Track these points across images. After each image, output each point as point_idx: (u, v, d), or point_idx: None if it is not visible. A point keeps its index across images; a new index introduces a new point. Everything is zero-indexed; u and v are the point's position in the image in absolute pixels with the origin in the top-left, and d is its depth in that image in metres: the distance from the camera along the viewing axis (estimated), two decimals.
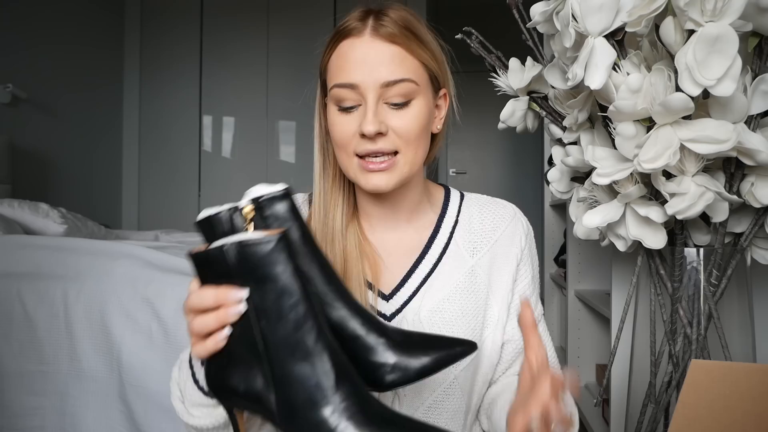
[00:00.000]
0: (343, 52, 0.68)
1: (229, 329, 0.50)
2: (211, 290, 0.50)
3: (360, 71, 0.66)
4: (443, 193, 0.82)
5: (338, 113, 0.68)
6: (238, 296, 0.49)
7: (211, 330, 0.51)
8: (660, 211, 0.82)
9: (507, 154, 5.20)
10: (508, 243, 0.78)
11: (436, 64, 0.71)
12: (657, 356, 0.92)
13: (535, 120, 1.08)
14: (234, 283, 0.50)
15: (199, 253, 0.51)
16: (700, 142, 0.73)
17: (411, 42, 0.67)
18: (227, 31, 4.01)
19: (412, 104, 0.68)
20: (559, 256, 2.67)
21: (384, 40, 0.66)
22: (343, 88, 0.67)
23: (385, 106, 0.67)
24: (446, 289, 0.74)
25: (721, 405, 0.62)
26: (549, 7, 0.82)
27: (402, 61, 0.67)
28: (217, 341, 0.51)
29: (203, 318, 0.51)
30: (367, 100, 0.66)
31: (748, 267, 0.92)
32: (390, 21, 0.67)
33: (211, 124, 4.05)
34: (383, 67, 0.66)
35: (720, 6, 0.68)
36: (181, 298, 1.45)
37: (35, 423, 1.51)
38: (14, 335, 1.54)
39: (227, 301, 0.49)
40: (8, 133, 2.73)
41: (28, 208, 2.07)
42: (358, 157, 0.68)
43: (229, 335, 0.51)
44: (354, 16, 0.69)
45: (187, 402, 0.62)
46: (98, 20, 3.72)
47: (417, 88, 0.68)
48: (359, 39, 0.67)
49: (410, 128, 0.67)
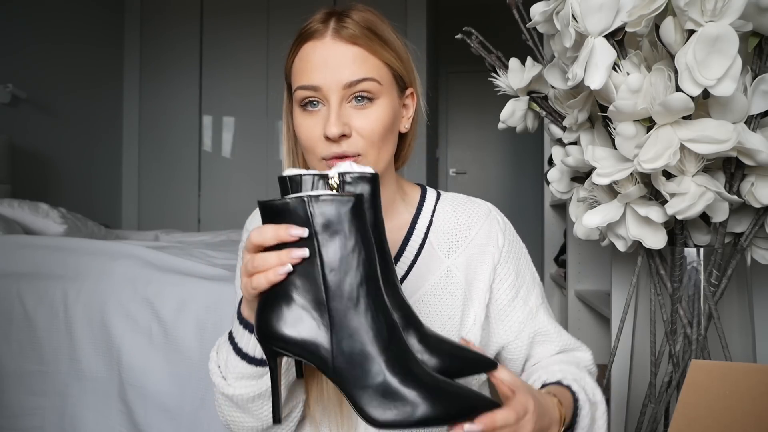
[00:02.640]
0: (305, 54, 0.68)
1: (290, 266, 0.52)
2: (271, 226, 0.52)
3: (322, 73, 0.66)
4: (419, 192, 0.81)
5: (302, 115, 0.69)
6: (298, 232, 0.51)
7: (270, 267, 0.52)
8: (660, 211, 0.82)
9: (507, 154, 5.20)
10: (484, 242, 0.77)
11: (400, 64, 0.71)
12: (657, 356, 0.92)
13: (535, 120, 1.08)
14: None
15: (276, 202, 0.52)
16: (700, 142, 0.73)
17: (373, 42, 0.68)
18: (227, 31, 4.01)
19: (375, 103, 0.68)
20: (559, 256, 2.67)
21: (345, 42, 0.67)
22: (306, 90, 0.67)
23: (348, 107, 0.67)
24: (422, 290, 0.74)
25: (721, 405, 0.63)
26: (549, 7, 0.82)
27: (364, 61, 0.67)
28: (277, 272, 0.51)
29: (265, 255, 0.52)
30: (330, 101, 0.66)
31: (748, 267, 0.92)
32: (352, 22, 0.68)
33: (211, 124, 4.05)
34: (345, 67, 0.66)
35: (720, 6, 0.68)
36: (181, 298, 1.46)
37: (35, 423, 1.51)
38: (14, 335, 1.54)
39: (287, 237, 0.51)
40: (8, 133, 2.73)
41: (28, 208, 2.07)
42: (324, 160, 0.69)
43: (288, 274, 0.52)
44: (316, 18, 0.70)
45: (229, 376, 0.64)
46: (98, 20, 3.72)
47: (380, 88, 0.68)
48: (321, 41, 0.68)
49: (374, 128, 0.68)
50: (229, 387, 0.65)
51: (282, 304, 0.54)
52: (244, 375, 0.64)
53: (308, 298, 0.53)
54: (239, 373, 0.64)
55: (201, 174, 4.03)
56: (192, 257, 1.70)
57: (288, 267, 0.52)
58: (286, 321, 0.53)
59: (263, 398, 0.65)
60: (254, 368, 0.63)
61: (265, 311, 0.55)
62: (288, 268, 0.52)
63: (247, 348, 0.63)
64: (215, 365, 0.68)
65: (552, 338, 0.79)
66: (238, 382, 0.64)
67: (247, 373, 0.63)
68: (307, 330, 0.53)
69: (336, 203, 0.51)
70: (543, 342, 0.78)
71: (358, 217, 0.52)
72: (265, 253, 0.53)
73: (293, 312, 0.53)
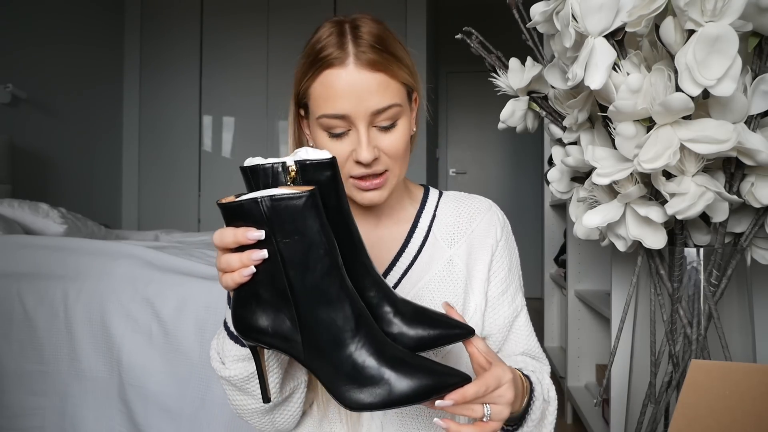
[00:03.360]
0: (329, 82, 0.69)
1: (253, 268, 0.54)
2: (230, 229, 0.54)
3: (348, 102, 0.68)
4: (422, 191, 0.86)
5: (329, 140, 0.71)
6: (254, 235, 0.53)
7: (234, 269, 0.55)
8: (660, 211, 0.82)
9: (507, 154, 5.20)
10: (483, 234, 0.81)
11: (411, 77, 0.74)
12: (657, 356, 0.92)
13: (535, 120, 1.08)
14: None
15: (232, 204, 0.54)
16: (700, 142, 0.73)
17: (391, 64, 0.70)
18: (227, 31, 4.01)
19: (398, 124, 0.72)
20: (559, 256, 2.67)
21: (368, 69, 0.68)
22: (334, 119, 0.69)
23: (374, 130, 0.71)
24: (425, 279, 0.78)
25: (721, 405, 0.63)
26: (549, 7, 0.82)
27: (387, 88, 0.69)
28: (242, 274, 0.54)
29: (228, 257, 0.55)
30: (358, 128, 0.69)
31: (748, 267, 0.92)
32: (367, 45, 0.68)
33: (211, 124, 4.05)
34: (371, 96, 0.68)
35: (720, 6, 0.68)
36: (181, 298, 1.46)
37: (35, 423, 1.51)
38: (14, 335, 1.54)
39: (245, 240, 0.53)
40: (8, 133, 2.73)
41: (28, 208, 2.07)
42: (353, 178, 0.72)
43: (253, 274, 0.54)
44: (330, 40, 0.69)
45: (226, 359, 0.68)
46: (98, 20, 3.72)
47: (401, 110, 0.71)
48: (344, 70, 0.68)
49: (398, 147, 0.72)
50: (226, 369, 0.68)
51: (252, 301, 0.56)
52: (238, 357, 0.67)
53: (274, 294, 0.54)
54: (234, 356, 0.67)
55: (201, 174, 4.03)
56: (192, 257, 1.70)
57: (250, 269, 0.54)
58: (257, 316, 0.56)
59: (257, 377, 0.68)
60: (246, 350, 0.66)
61: (237, 307, 0.57)
62: (251, 270, 0.54)
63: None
64: (215, 352, 0.71)
65: (521, 341, 0.81)
66: (234, 364, 0.67)
67: (240, 355, 0.66)
68: (277, 324, 0.55)
69: (289, 201, 0.52)
70: (515, 341, 0.81)
71: (314, 212, 0.53)
72: (228, 255, 0.55)
73: (262, 308, 0.55)
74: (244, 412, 0.72)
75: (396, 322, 0.61)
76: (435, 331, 0.61)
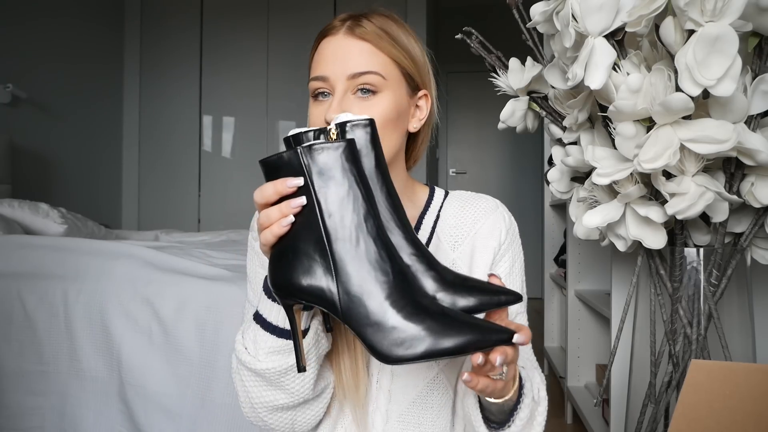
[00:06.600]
0: (321, 48, 0.73)
1: (292, 217, 0.54)
2: (270, 183, 0.55)
3: (331, 64, 0.71)
4: (427, 192, 0.84)
5: (313, 105, 0.74)
6: (293, 183, 0.54)
7: (273, 221, 0.55)
8: (660, 211, 0.82)
9: (507, 154, 5.20)
10: (487, 235, 0.79)
11: (410, 63, 0.74)
12: (657, 356, 0.92)
13: (535, 120, 1.08)
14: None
15: (271, 158, 0.55)
16: (700, 142, 0.73)
17: (382, 40, 0.72)
18: (227, 31, 4.01)
19: (377, 96, 0.71)
20: (559, 256, 2.67)
21: (355, 38, 0.72)
22: (317, 81, 0.72)
23: (352, 98, 0.71)
24: None
25: (721, 405, 0.62)
26: (549, 7, 0.82)
27: (370, 56, 0.71)
28: (281, 225, 0.54)
29: (268, 210, 0.55)
30: (335, 90, 0.70)
31: (748, 267, 0.92)
32: (367, 23, 0.73)
33: (211, 124, 4.05)
34: (351, 60, 0.71)
35: (720, 6, 0.68)
36: (181, 298, 1.46)
37: (35, 423, 1.51)
38: (14, 335, 1.54)
39: (285, 189, 0.54)
40: (8, 133, 2.73)
41: (28, 208, 2.07)
42: None
43: (291, 224, 0.55)
44: (338, 18, 0.75)
45: (259, 353, 0.66)
46: (98, 20, 3.72)
47: (384, 82, 0.71)
48: (334, 37, 0.72)
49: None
50: (260, 363, 0.66)
51: (289, 254, 0.56)
52: (274, 349, 0.65)
53: (312, 245, 0.55)
54: (269, 347, 0.65)
55: (201, 174, 4.03)
56: (192, 257, 1.70)
57: (290, 218, 0.54)
58: (294, 270, 0.55)
59: (294, 371, 0.67)
60: (284, 341, 0.65)
61: (275, 263, 0.57)
62: (290, 219, 0.54)
63: (276, 320, 0.65)
64: (241, 346, 0.69)
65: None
66: (269, 357, 0.66)
67: (277, 347, 0.65)
68: (314, 276, 0.55)
69: (327, 150, 0.54)
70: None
71: (351, 161, 0.54)
72: (268, 209, 0.55)
73: (300, 260, 0.55)
74: (266, 408, 0.69)
75: (437, 287, 0.59)
76: (479, 298, 0.59)
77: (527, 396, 0.66)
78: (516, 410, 0.66)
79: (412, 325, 0.52)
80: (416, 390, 0.75)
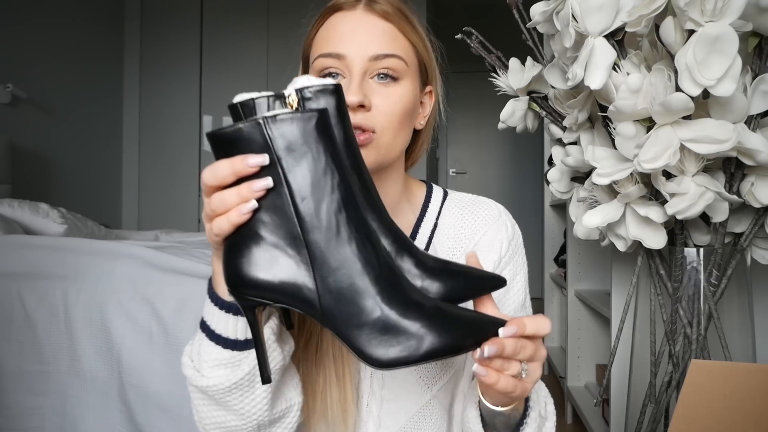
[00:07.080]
0: (333, 23, 0.65)
1: (255, 202, 0.45)
2: (224, 161, 0.45)
3: (349, 42, 0.63)
4: (424, 192, 0.77)
5: None
6: (256, 161, 0.44)
7: (230, 207, 0.46)
8: (660, 211, 0.82)
9: (507, 154, 5.20)
10: (487, 247, 0.72)
11: (426, 54, 0.69)
12: (657, 356, 0.92)
13: (535, 120, 1.08)
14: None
15: (225, 130, 0.45)
16: (700, 142, 0.73)
17: (404, 23, 0.66)
18: (227, 31, 4.01)
19: (399, 84, 0.64)
20: (559, 256, 2.67)
21: (377, 16, 0.64)
22: (329, 58, 0.63)
23: (371, 82, 0.63)
24: None
25: (721, 405, 0.62)
26: (549, 7, 0.82)
27: (394, 38, 0.64)
28: (241, 212, 0.45)
29: (222, 194, 0.46)
30: (353, 72, 0.63)
31: (748, 267, 0.92)
32: (385, 1, 0.66)
33: (211, 124, 4.05)
34: (374, 40, 0.63)
35: (720, 6, 0.68)
36: (181, 298, 1.46)
37: (35, 423, 1.51)
38: (14, 335, 1.54)
39: (245, 168, 0.44)
40: (8, 133, 2.73)
41: (28, 208, 2.07)
42: None
43: (255, 209, 0.45)
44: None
45: (203, 366, 0.57)
46: (98, 20, 3.72)
47: (406, 69, 0.65)
48: (352, 12, 0.64)
49: (394, 108, 0.63)
50: (203, 378, 0.56)
51: (251, 246, 0.46)
52: (219, 362, 0.56)
53: (280, 234, 0.46)
54: (214, 360, 0.56)
55: (201, 174, 4.03)
56: (192, 257, 1.69)
57: (252, 203, 0.45)
58: (258, 264, 0.46)
59: (241, 389, 0.56)
60: (230, 352, 0.56)
61: (232, 257, 0.47)
62: (252, 205, 0.45)
63: (221, 329, 0.56)
64: (188, 358, 0.60)
65: None
66: (214, 371, 0.56)
67: (222, 359, 0.56)
68: (285, 270, 0.45)
69: (297, 121, 0.44)
70: None
71: (325, 135, 0.45)
72: (222, 192, 0.46)
73: (265, 252, 0.46)
74: (217, 431, 0.58)
75: (419, 273, 0.52)
76: (463, 283, 0.53)
77: (533, 410, 0.60)
78: (522, 425, 0.59)
79: (408, 323, 0.45)
80: (407, 416, 0.69)
